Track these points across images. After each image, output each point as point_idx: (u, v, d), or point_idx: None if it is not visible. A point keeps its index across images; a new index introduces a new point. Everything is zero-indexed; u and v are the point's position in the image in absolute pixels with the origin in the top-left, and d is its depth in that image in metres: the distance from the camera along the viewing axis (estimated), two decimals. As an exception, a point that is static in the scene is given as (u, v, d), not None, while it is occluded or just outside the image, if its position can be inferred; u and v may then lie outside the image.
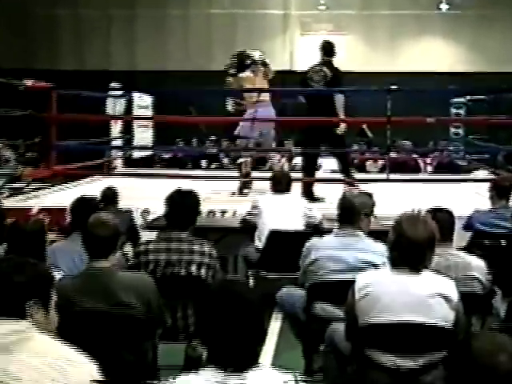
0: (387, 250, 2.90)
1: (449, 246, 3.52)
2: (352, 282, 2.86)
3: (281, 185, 5.38)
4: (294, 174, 6.28)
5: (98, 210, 3.53)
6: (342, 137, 7.10)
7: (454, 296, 2.74)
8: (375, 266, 3.50)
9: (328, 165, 10.12)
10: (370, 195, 4.45)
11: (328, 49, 7.15)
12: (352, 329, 2.85)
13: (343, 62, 7.92)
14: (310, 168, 7.32)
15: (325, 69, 7.04)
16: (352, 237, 3.68)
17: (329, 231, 3.92)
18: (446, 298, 2.72)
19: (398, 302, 2.71)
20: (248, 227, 5.36)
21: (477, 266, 3.46)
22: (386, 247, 2.96)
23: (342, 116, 7.01)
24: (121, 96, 10.15)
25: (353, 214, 3.72)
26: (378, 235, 3.79)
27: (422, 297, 2.71)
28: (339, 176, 7.39)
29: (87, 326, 2.82)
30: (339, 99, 6.99)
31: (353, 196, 3.79)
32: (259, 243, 5.14)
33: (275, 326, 4.79)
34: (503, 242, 4.65)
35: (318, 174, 8.25)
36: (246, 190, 7.46)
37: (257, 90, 7.56)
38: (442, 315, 2.70)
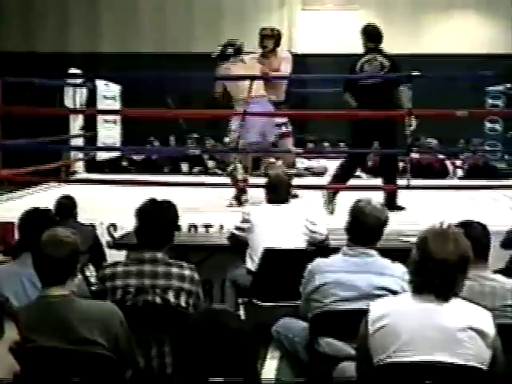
0: (408, 272, 2.91)
1: (484, 268, 3.52)
2: (365, 312, 2.87)
3: (277, 193, 5.38)
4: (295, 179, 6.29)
5: (54, 225, 3.53)
6: (395, 137, 7.04)
7: (491, 330, 2.74)
8: (393, 292, 3.51)
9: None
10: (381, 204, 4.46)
11: (374, 33, 7.12)
12: (365, 369, 2.86)
13: (353, 43, 7.91)
14: (348, 173, 7.18)
15: (379, 57, 6.98)
16: (365, 257, 3.68)
17: (337, 250, 3.93)
18: (481, 333, 2.72)
19: (420, 336, 2.71)
20: (238, 245, 5.36)
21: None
22: (407, 269, 2.96)
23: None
24: (81, 84, 10.14)
25: (367, 228, 3.72)
26: (396, 254, 3.80)
27: (451, 331, 2.71)
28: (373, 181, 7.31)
29: (40, 368, 2.81)
30: (404, 92, 6.91)
31: (368, 205, 3.79)
32: (251, 265, 5.14)
33: (271, 365, 4.78)
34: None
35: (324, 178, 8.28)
36: (244, 199, 7.38)
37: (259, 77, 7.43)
38: (475, 353, 2.71)
